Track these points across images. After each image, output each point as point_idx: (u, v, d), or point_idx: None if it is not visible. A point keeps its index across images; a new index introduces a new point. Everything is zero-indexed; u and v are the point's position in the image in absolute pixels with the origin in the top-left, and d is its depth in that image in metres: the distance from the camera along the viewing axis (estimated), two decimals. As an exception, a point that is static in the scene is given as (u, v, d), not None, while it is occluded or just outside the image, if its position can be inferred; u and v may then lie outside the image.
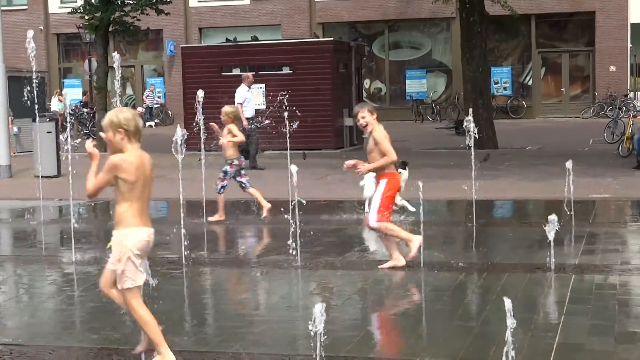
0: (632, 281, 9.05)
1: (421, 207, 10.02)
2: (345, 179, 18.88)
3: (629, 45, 41.03)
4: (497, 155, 22.90)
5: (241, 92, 21.77)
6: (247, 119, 21.19)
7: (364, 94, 36.81)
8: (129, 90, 46.31)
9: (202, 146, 13.92)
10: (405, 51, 43.65)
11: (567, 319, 7.57)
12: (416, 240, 9.80)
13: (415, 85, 42.54)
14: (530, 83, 42.19)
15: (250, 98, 22.08)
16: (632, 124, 22.28)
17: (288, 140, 15.52)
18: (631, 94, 37.75)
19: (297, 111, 21.29)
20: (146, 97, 43.26)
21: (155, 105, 44.03)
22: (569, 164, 12.11)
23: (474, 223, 12.60)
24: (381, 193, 9.89)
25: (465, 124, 13.04)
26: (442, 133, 33.08)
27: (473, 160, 13.20)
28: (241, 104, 21.19)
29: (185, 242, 10.54)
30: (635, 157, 20.08)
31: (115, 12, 28.45)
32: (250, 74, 23.14)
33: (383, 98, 43.43)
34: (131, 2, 28.79)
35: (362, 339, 7.20)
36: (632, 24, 41.17)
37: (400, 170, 13.33)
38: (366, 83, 41.78)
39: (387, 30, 43.48)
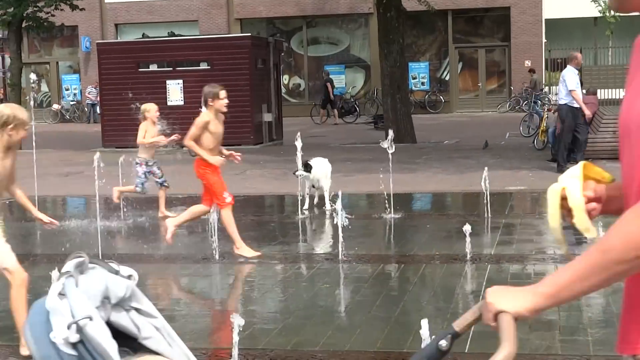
0: (547, 270, 9.18)
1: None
2: (264, 174, 18.88)
3: (544, 40, 41.70)
4: (415, 149, 23.08)
5: (572, 77, 17.22)
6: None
7: (283, 90, 36.78)
8: (44, 87, 45.58)
9: None
10: (324, 47, 43.74)
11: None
12: None
13: (334, 80, 42.63)
14: (447, 78, 42.58)
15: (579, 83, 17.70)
16: (547, 117, 22.66)
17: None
18: (546, 89, 38.32)
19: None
20: (89, 94, 42.16)
21: (72, 102, 43.53)
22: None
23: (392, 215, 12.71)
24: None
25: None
26: (361, 128, 33.23)
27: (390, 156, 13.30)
28: (574, 90, 17.09)
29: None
30: (550, 150, 20.39)
31: (28, 7, 27.81)
32: (578, 53, 18.22)
33: (302, 93, 43.47)
34: (45, -3, 28.27)
35: (280, 331, 7.18)
36: (546, 20, 41.84)
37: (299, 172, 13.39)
38: (285, 79, 41.77)
39: (305, 26, 43.50)
